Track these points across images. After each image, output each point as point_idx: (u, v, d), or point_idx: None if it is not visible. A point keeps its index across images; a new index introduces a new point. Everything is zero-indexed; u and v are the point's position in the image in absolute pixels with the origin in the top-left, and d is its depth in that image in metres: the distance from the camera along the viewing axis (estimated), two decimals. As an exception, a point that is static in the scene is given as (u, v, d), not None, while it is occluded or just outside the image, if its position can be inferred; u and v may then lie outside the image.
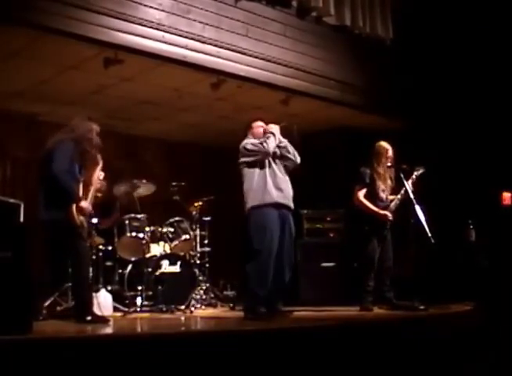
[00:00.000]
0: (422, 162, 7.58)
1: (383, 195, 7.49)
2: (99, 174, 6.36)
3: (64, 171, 5.88)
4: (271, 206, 6.32)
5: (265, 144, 6.40)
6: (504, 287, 7.89)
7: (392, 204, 7.48)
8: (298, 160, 6.69)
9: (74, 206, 5.90)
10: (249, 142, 6.54)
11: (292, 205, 6.53)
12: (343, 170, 9.31)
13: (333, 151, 9.74)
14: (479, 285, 7.80)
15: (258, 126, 6.75)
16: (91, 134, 6.17)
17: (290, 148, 6.67)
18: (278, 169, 6.52)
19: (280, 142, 6.59)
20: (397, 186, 7.54)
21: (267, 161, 6.46)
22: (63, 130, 6.20)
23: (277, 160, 6.57)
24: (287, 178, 6.61)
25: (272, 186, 6.37)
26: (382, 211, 7.40)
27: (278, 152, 6.59)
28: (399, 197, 7.42)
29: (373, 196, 7.45)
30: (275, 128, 6.58)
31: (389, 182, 7.54)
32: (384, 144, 7.58)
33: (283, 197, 6.43)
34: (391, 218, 7.43)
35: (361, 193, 7.44)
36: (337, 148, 9.81)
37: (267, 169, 6.44)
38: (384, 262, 7.44)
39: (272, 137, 6.46)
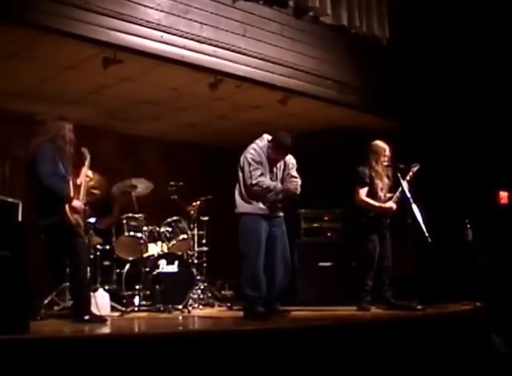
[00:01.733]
0: (419, 161, 7.55)
1: (381, 194, 7.48)
2: (86, 171, 6.33)
3: (50, 174, 5.87)
4: (260, 215, 6.36)
5: (274, 195, 6.39)
6: (502, 286, 7.88)
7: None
8: (297, 193, 6.61)
9: (67, 206, 5.89)
10: (257, 172, 6.39)
11: (282, 214, 6.57)
12: (340, 169, 9.29)
13: (331, 151, 9.71)
14: (477, 284, 7.79)
15: (285, 152, 6.57)
16: (63, 131, 6.13)
17: (298, 182, 6.61)
18: (273, 181, 6.51)
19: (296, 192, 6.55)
20: (394, 185, 7.53)
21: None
22: (38, 133, 6.18)
23: (273, 175, 6.57)
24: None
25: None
26: (386, 205, 7.39)
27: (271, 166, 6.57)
28: (398, 194, 7.41)
29: (372, 195, 7.44)
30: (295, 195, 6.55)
31: (386, 180, 7.53)
32: (381, 143, 7.57)
33: (274, 210, 6.46)
34: (394, 209, 7.42)
35: (363, 193, 7.43)
36: (334, 148, 9.78)
37: None
38: (383, 260, 7.43)
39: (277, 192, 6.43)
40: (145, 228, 8.14)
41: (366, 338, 5.47)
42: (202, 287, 8.41)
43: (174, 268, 7.86)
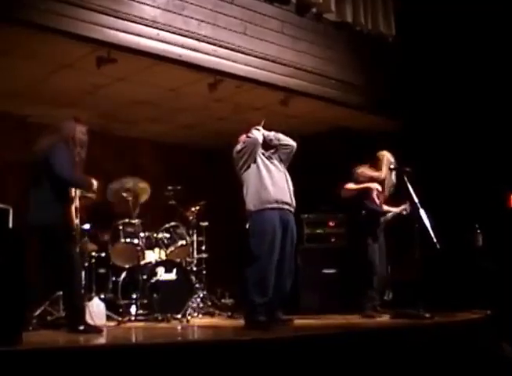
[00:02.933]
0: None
1: (377, 200, 7.57)
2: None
3: (71, 172, 5.94)
4: (271, 208, 6.30)
5: (250, 134, 6.52)
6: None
7: (389, 215, 7.72)
8: (294, 143, 6.73)
9: (73, 206, 5.99)
10: (237, 146, 6.62)
11: (293, 202, 6.53)
12: (344, 172, 9.26)
13: (334, 153, 9.69)
14: (487, 292, 7.76)
15: (243, 135, 6.76)
16: (73, 132, 6.15)
17: (280, 135, 6.72)
18: (274, 167, 6.54)
19: (268, 135, 6.65)
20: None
21: (260, 161, 6.49)
22: (48, 131, 6.20)
23: (272, 159, 6.61)
24: (286, 174, 6.64)
25: (269, 183, 6.38)
26: (372, 184, 7.49)
27: (267, 153, 6.62)
28: (398, 210, 7.53)
29: (368, 197, 7.53)
30: (257, 127, 6.66)
31: (386, 191, 7.65)
32: (389, 156, 7.66)
33: (282, 193, 6.42)
34: (379, 189, 7.56)
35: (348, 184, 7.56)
36: (338, 150, 9.76)
37: (262, 167, 6.46)
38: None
39: (254, 130, 6.56)
40: (142, 234, 8.11)
41: (373, 348, 5.44)
42: (201, 296, 8.41)
43: (172, 276, 7.83)
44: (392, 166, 7.60)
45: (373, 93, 9.08)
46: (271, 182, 6.39)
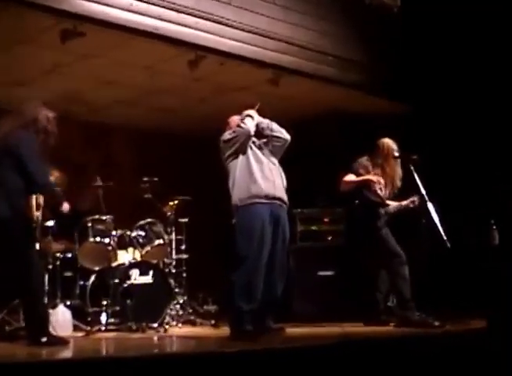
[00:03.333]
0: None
1: (380, 193, 7.52)
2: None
3: (44, 171, 5.95)
4: (260, 203, 6.24)
5: (242, 124, 6.42)
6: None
7: (391, 207, 7.64)
8: (287, 136, 6.67)
9: (34, 198, 5.93)
10: (226, 133, 6.55)
11: (285, 198, 6.47)
12: (342, 161, 9.24)
13: (332, 140, 9.69)
14: (503, 296, 7.74)
15: (234, 119, 6.72)
16: (37, 115, 6.13)
17: (274, 125, 6.66)
18: (265, 157, 6.49)
19: (261, 122, 6.60)
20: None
21: (250, 151, 6.43)
22: (11, 118, 6.14)
23: (263, 150, 6.55)
24: (278, 166, 6.59)
25: (259, 176, 6.31)
26: (374, 177, 7.44)
27: (259, 142, 6.57)
28: (404, 203, 7.52)
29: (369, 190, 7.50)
30: (251, 111, 6.58)
31: (390, 186, 7.60)
32: (391, 143, 7.57)
33: (273, 187, 6.35)
34: (381, 181, 7.50)
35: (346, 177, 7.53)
36: (334, 135, 9.77)
37: (251, 158, 6.39)
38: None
39: (248, 117, 6.49)
40: (113, 232, 8.11)
41: (375, 360, 5.41)
42: (181, 302, 8.40)
43: (148, 279, 7.83)
44: (396, 154, 7.53)
45: (375, 71, 9.13)
46: (261, 175, 6.33)
